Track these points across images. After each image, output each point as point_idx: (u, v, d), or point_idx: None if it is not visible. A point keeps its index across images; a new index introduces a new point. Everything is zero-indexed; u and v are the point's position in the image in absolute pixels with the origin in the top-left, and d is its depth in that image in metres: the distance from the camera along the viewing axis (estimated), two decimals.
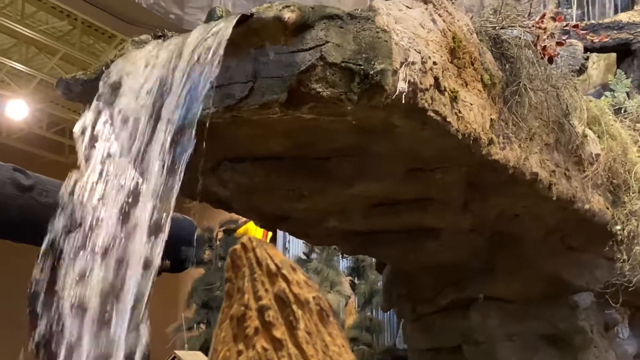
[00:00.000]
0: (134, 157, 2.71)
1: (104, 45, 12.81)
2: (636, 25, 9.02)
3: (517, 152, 3.77)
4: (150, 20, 9.90)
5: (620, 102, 6.43)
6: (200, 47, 2.62)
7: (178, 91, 2.62)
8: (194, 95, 2.58)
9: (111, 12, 9.98)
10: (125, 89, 2.78)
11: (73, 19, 11.80)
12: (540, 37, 3.82)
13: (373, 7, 2.94)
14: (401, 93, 2.83)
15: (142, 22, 9.97)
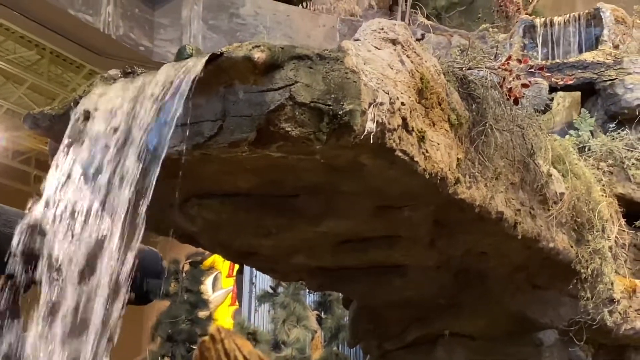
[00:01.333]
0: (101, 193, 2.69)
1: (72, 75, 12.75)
2: (600, 64, 9.19)
3: (483, 191, 3.81)
4: (119, 52, 9.90)
5: (584, 141, 6.55)
6: (169, 85, 2.62)
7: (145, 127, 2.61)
8: (162, 133, 2.58)
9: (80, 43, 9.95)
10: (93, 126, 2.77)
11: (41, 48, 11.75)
12: (506, 78, 3.88)
13: (342, 47, 2.97)
14: (369, 133, 2.86)
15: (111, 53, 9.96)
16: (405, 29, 3.45)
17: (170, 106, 2.58)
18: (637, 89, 8.65)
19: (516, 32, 11.05)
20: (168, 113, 2.58)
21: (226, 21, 11.01)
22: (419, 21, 12.93)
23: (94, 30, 9.29)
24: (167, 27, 10.48)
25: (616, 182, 5.94)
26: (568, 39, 10.63)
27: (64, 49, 10.55)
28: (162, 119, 2.59)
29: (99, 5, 9.32)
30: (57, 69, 12.86)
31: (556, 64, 9.47)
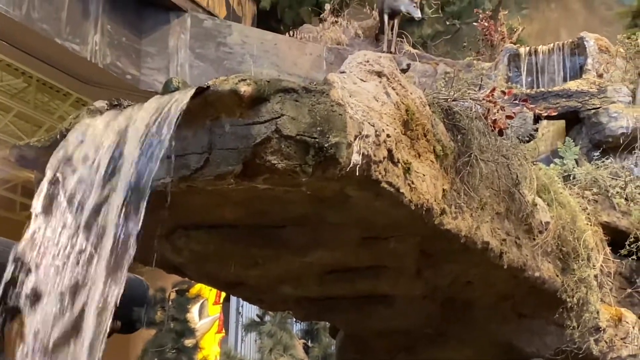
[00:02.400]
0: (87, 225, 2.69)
1: (59, 103, 12.74)
2: (584, 93, 9.30)
3: (468, 222, 3.83)
4: (106, 80, 9.91)
5: (569, 170, 6.58)
6: (155, 118, 2.64)
7: (132, 162, 2.62)
8: (148, 166, 2.59)
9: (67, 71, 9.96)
10: (79, 159, 2.78)
11: (28, 76, 11.73)
12: (490, 110, 3.92)
13: (328, 80, 3.00)
14: (355, 165, 2.88)
15: (98, 81, 9.97)
16: (391, 61, 3.48)
17: (156, 140, 2.59)
18: (620, 117, 8.75)
19: (501, 61, 11.17)
20: (154, 146, 2.59)
21: (213, 50, 11.06)
22: (405, 49, 13.02)
23: (80, 59, 9.31)
24: (154, 55, 10.52)
25: (601, 211, 5.97)
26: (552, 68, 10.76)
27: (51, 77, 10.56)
28: (148, 152, 2.60)
29: (86, 34, 9.34)
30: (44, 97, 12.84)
31: (541, 92, 9.58)
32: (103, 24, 9.57)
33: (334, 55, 12.15)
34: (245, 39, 11.41)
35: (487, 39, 12.99)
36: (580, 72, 10.29)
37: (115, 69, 9.83)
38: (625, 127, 8.63)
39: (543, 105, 9.20)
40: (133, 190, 2.62)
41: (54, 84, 11.28)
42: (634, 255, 5.77)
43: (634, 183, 6.39)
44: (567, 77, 10.55)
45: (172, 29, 10.81)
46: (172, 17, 10.76)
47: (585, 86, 9.42)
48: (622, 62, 10.30)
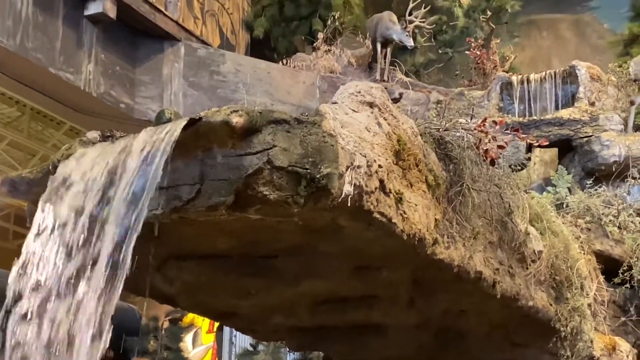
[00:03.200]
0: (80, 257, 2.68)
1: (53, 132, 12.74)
2: (577, 121, 9.34)
3: (461, 251, 3.83)
4: (100, 109, 9.92)
5: (562, 198, 6.60)
6: (147, 149, 2.64)
7: (125, 193, 2.62)
8: (140, 198, 2.59)
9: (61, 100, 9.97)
10: (71, 191, 2.78)
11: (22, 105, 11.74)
12: (482, 140, 3.93)
13: (320, 111, 3.00)
14: (347, 196, 2.87)
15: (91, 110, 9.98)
16: (382, 92, 3.49)
17: (149, 171, 2.59)
18: (613, 145, 8.78)
19: (493, 89, 11.23)
20: (147, 178, 2.58)
21: (207, 78, 11.09)
22: (397, 78, 13.08)
23: (74, 88, 9.32)
24: (148, 84, 10.54)
25: (594, 239, 5.98)
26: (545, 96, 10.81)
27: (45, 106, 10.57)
28: (141, 184, 2.60)
29: (80, 63, 9.37)
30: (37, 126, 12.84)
31: (533, 120, 9.62)
32: (97, 53, 9.60)
33: (327, 84, 12.19)
34: (239, 67, 11.45)
35: (480, 67, 13.06)
36: (573, 100, 10.34)
37: (109, 98, 9.84)
38: (617, 155, 8.67)
39: (535, 134, 9.25)
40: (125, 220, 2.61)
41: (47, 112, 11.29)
42: (627, 284, 5.77)
43: (626, 211, 6.40)
44: (559, 105, 10.60)
45: (166, 57, 10.85)
46: (166, 46, 10.80)
47: (578, 114, 9.47)
48: (614, 91, 10.36)
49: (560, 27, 16.15)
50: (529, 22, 16.18)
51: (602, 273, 5.77)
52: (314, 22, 14.21)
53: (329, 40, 13.43)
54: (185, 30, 11.24)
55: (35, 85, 9.56)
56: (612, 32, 15.19)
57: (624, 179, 7.64)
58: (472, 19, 13.75)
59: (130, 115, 10.32)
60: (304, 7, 14.49)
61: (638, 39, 13.22)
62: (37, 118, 12.48)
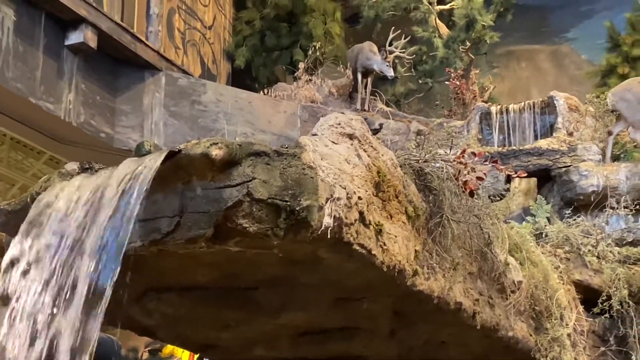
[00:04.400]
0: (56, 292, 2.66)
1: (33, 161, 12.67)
2: (555, 152, 9.43)
3: (441, 282, 3.83)
4: (80, 139, 9.90)
5: (541, 227, 6.62)
6: (126, 182, 2.63)
7: (103, 226, 2.61)
8: (119, 231, 2.58)
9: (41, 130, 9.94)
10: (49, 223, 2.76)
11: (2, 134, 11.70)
12: (461, 171, 3.95)
13: (299, 143, 3.01)
14: (327, 228, 2.88)
15: (72, 140, 9.95)
16: (362, 124, 3.51)
17: (128, 204, 2.58)
18: (591, 175, 8.86)
19: (473, 119, 11.32)
20: (126, 211, 2.58)
21: (188, 108, 11.10)
22: (378, 107, 13.16)
23: (54, 118, 9.30)
24: (128, 114, 10.53)
25: (573, 269, 6.00)
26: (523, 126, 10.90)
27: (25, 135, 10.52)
28: (120, 217, 2.59)
29: (61, 93, 9.35)
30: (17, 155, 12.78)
31: (512, 150, 9.70)
32: (77, 82, 9.60)
33: (308, 113, 12.23)
34: (220, 97, 11.47)
35: (459, 97, 13.18)
36: (551, 130, 10.45)
37: (89, 128, 9.82)
38: (595, 185, 8.75)
39: (515, 163, 9.32)
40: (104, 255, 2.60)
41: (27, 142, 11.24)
42: (606, 314, 5.79)
43: (605, 241, 6.44)
44: (538, 135, 10.71)
45: (147, 87, 10.85)
46: (147, 76, 10.81)
47: (556, 144, 9.56)
48: (592, 121, 10.47)
49: (538, 58, 16.33)
50: (508, 52, 16.35)
51: (582, 303, 5.78)
52: (295, 52, 14.30)
53: (310, 70, 13.51)
54: (166, 59, 11.27)
55: (15, 115, 9.53)
56: (590, 63, 15.38)
57: (602, 209, 7.69)
58: (451, 49, 13.88)
59: (111, 145, 10.29)
60: (285, 37, 14.59)
61: (615, 70, 13.38)
62: (16, 148, 12.42)
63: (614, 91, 10.11)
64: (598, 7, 15.86)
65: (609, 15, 15.00)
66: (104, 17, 9.71)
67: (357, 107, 12.89)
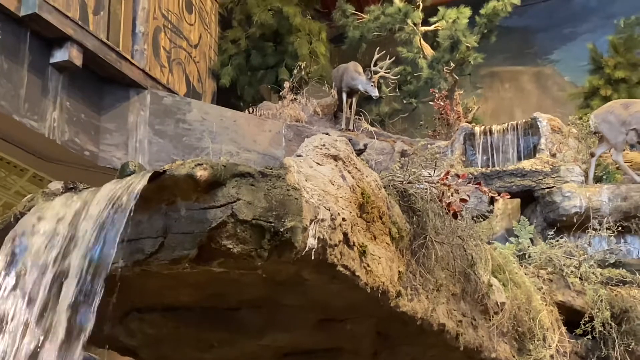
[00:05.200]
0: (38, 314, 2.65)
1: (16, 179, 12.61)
2: (538, 173, 9.47)
3: (424, 304, 3.84)
4: (64, 157, 9.84)
5: (524, 248, 6.66)
6: (110, 202, 2.63)
7: (87, 247, 2.61)
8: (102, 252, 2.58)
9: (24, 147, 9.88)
10: (32, 243, 2.75)
11: None
12: (444, 193, 3.98)
13: (284, 164, 3.03)
14: (311, 249, 2.89)
15: (55, 158, 9.90)
16: (346, 145, 3.53)
17: (111, 225, 2.58)
18: (574, 197, 8.91)
19: (457, 139, 11.37)
20: (110, 232, 2.58)
21: (172, 126, 11.08)
22: (363, 127, 13.18)
23: (38, 136, 9.25)
24: (113, 132, 10.50)
25: (556, 290, 6.03)
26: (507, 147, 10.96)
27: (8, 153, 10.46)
28: (103, 238, 2.59)
29: (45, 111, 9.32)
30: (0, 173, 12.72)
31: (496, 171, 9.74)
32: (62, 100, 9.57)
33: (293, 132, 12.24)
34: (205, 115, 11.47)
35: (443, 117, 13.24)
36: (534, 151, 10.51)
37: (73, 146, 9.78)
38: (578, 206, 8.79)
39: (498, 184, 9.37)
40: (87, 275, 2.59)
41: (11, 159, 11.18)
42: (589, 335, 5.81)
43: (587, 262, 6.48)
44: (521, 156, 10.77)
45: (132, 105, 10.82)
46: (132, 94, 10.78)
47: (539, 165, 9.61)
48: (575, 142, 10.54)
49: (522, 79, 16.44)
50: (492, 74, 16.46)
51: (564, 324, 5.81)
52: (280, 71, 14.33)
53: (295, 89, 13.53)
54: (152, 78, 11.25)
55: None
56: (573, 84, 15.49)
57: (585, 230, 7.74)
58: (435, 70, 13.96)
59: (95, 163, 10.24)
60: (270, 56, 14.62)
61: (598, 92, 13.49)
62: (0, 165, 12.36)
63: (597, 113, 10.19)
64: (581, 29, 16.01)
65: (591, 38, 15.15)
66: (89, 36, 9.69)
67: (342, 127, 12.92)
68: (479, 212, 6.70)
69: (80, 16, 10.25)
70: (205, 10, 14.47)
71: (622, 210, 8.63)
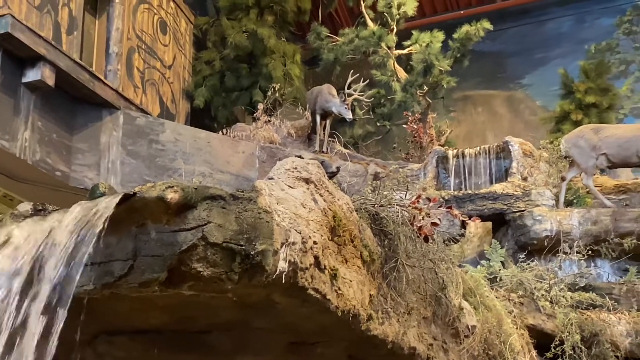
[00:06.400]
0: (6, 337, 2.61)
1: None
2: (510, 196, 9.54)
3: (395, 327, 3.84)
4: (35, 177, 9.76)
5: (495, 272, 6.69)
6: (80, 225, 2.61)
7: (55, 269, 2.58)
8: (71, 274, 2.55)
9: None
10: None
11: None
12: (416, 216, 3.99)
13: (256, 187, 3.03)
14: (281, 273, 2.88)
15: (26, 178, 9.81)
16: (319, 168, 3.54)
17: (80, 247, 2.56)
18: (545, 220, 8.98)
19: (430, 162, 11.43)
20: (78, 254, 2.55)
21: (145, 147, 11.05)
22: (336, 149, 13.23)
23: (9, 155, 9.16)
24: (85, 152, 10.44)
25: (527, 313, 6.06)
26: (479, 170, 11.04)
27: None
28: (71, 260, 2.56)
29: (16, 131, 9.24)
30: None
31: (468, 194, 9.80)
32: (34, 120, 9.50)
33: (267, 154, 12.25)
34: (178, 136, 11.44)
35: (417, 140, 13.32)
36: (506, 175, 10.60)
37: (44, 166, 9.70)
38: (549, 230, 8.86)
39: (470, 207, 9.42)
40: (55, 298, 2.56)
41: None
42: (559, 358, 5.84)
43: (558, 286, 6.52)
44: (493, 179, 10.86)
45: (105, 125, 10.77)
46: (105, 114, 10.73)
47: (511, 189, 9.68)
48: (546, 166, 10.65)
49: (494, 103, 16.62)
50: (465, 97, 16.63)
51: (535, 347, 5.83)
52: (254, 93, 14.35)
53: (269, 111, 13.56)
54: (125, 98, 11.21)
55: None
56: (544, 109, 15.69)
57: (555, 254, 7.80)
58: (409, 93, 14.06)
59: (66, 183, 10.16)
60: (244, 78, 14.64)
61: (569, 116, 13.66)
62: None
63: (567, 138, 10.31)
64: (552, 54, 16.24)
65: (562, 63, 15.37)
66: (62, 55, 9.65)
67: (316, 149, 12.96)
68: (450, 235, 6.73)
69: (54, 36, 10.22)
70: (179, 31, 14.48)
71: (592, 234, 8.71)
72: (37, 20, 9.97)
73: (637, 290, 7.51)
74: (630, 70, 15.51)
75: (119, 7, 11.94)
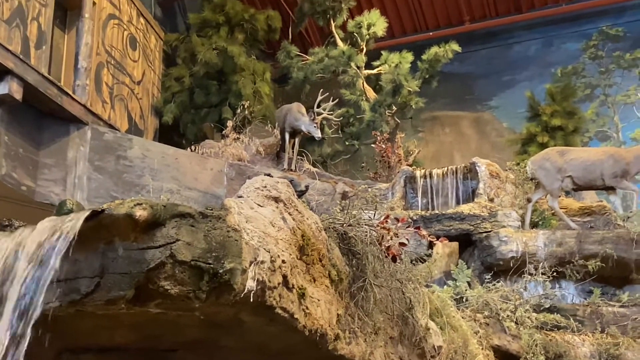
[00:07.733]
0: None
1: None
2: (476, 217, 9.60)
3: (362, 347, 3.85)
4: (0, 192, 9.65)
5: (461, 292, 6.73)
6: (47, 242, 2.59)
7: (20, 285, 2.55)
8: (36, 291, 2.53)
9: None
10: None
11: None
12: (384, 237, 4.01)
13: (225, 205, 3.03)
14: (250, 291, 2.88)
15: None
16: (288, 187, 3.55)
17: (46, 264, 2.53)
18: (510, 241, 9.05)
19: (398, 182, 11.48)
20: (44, 271, 2.53)
21: (113, 163, 10.97)
22: (305, 168, 13.24)
23: None
24: (51, 167, 10.34)
25: (492, 334, 6.10)
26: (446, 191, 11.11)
27: None
28: (37, 277, 2.54)
29: None
30: None
31: (435, 214, 9.85)
32: (0, 134, 9.40)
33: (235, 171, 12.22)
34: (146, 152, 11.38)
35: (385, 160, 13.38)
36: (473, 195, 10.67)
37: (10, 180, 9.59)
38: (515, 250, 8.93)
39: (437, 227, 9.47)
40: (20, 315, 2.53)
41: None
42: None
43: (523, 307, 6.57)
44: (460, 200, 10.92)
45: (72, 141, 10.67)
46: (72, 129, 10.64)
47: (477, 210, 9.75)
48: (512, 188, 10.74)
49: (462, 124, 16.76)
50: (433, 118, 16.76)
51: None
52: (223, 110, 14.34)
53: (238, 128, 13.55)
54: (93, 113, 11.12)
55: None
56: (511, 130, 15.85)
57: (521, 275, 7.86)
58: (378, 113, 14.13)
59: (32, 198, 10.05)
60: (214, 95, 14.62)
61: (535, 138, 13.81)
62: None
63: (533, 160, 10.43)
64: (519, 77, 16.43)
65: (529, 86, 15.56)
66: (30, 70, 9.56)
67: (284, 167, 12.96)
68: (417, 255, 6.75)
69: (22, 50, 10.13)
70: (149, 47, 14.44)
71: (557, 256, 8.79)
72: (5, 34, 9.88)
73: (601, 312, 7.60)
74: (596, 94, 15.74)
75: (88, 22, 11.86)
